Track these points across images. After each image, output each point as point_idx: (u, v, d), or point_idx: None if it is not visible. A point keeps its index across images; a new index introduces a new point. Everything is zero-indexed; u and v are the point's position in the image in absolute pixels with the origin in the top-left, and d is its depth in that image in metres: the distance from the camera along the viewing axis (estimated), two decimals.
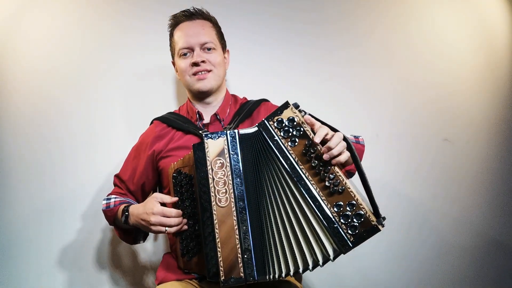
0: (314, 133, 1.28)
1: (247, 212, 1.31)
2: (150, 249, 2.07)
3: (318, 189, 1.27)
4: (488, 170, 2.15)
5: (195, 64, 1.61)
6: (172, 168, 1.46)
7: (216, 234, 1.30)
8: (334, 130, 1.32)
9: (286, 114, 1.30)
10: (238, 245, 1.30)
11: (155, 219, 1.39)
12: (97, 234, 2.04)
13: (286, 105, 1.30)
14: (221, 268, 1.29)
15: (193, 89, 1.65)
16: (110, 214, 1.61)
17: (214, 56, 1.63)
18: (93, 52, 2.07)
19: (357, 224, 1.24)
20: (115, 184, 1.74)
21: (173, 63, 1.74)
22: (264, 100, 1.76)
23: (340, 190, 1.25)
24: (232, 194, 1.31)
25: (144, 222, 1.43)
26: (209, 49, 1.63)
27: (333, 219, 1.25)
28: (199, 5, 1.71)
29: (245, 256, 1.29)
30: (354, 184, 1.34)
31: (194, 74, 1.62)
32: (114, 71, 2.07)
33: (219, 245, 1.29)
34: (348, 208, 1.25)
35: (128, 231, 1.64)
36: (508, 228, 2.14)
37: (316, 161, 1.28)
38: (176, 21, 1.67)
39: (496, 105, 2.15)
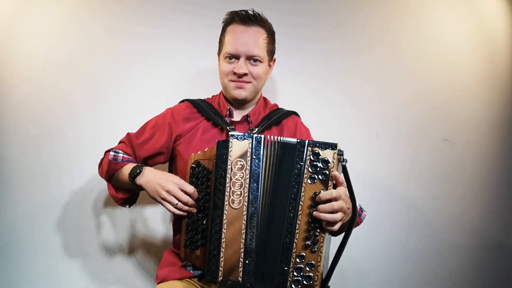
0: (335, 187, 1.30)
1: (258, 218, 1.30)
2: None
3: (298, 234, 1.29)
4: (488, 170, 2.16)
5: (236, 73, 1.58)
6: (192, 159, 1.44)
7: (223, 234, 1.30)
8: (352, 197, 1.33)
9: (326, 153, 1.28)
10: (242, 249, 1.29)
11: (173, 187, 1.39)
12: (100, 234, 2.05)
13: (333, 146, 1.28)
14: (221, 268, 1.29)
15: (229, 93, 1.63)
16: (114, 166, 1.56)
17: (257, 69, 1.60)
18: (99, 49, 2.02)
19: (302, 282, 1.30)
20: (122, 142, 1.69)
21: (218, 55, 1.70)
22: (295, 114, 1.75)
23: (313, 249, 1.29)
24: (247, 198, 1.30)
25: (159, 186, 1.41)
26: (255, 60, 1.59)
27: (289, 263, 1.29)
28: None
29: (247, 261, 1.29)
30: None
31: (233, 80, 1.60)
32: (121, 68, 2.04)
33: (224, 245, 1.29)
34: (307, 267, 1.29)
35: (122, 190, 1.61)
36: (508, 228, 2.15)
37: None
38: (232, 19, 1.61)
39: (496, 105, 2.15)
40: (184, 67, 2.07)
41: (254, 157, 1.31)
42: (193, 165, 1.43)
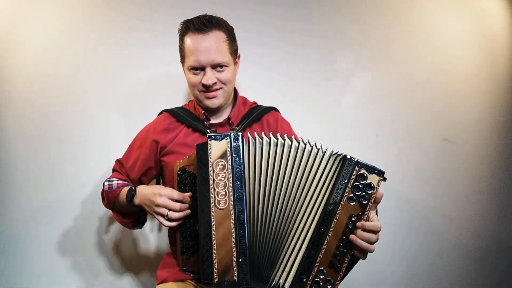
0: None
1: (245, 216, 1.31)
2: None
3: (325, 249, 1.29)
4: (487, 170, 2.16)
5: (205, 85, 1.56)
6: (178, 166, 1.45)
7: (213, 236, 1.29)
8: None
9: (371, 178, 1.28)
10: (234, 249, 1.29)
11: (161, 200, 1.38)
12: (99, 234, 2.06)
13: (380, 173, 1.28)
14: (215, 270, 1.28)
15: (202, 103, 1.62)
16: (112, 195, 1.59)
17: (225, 74, 1.56)
18: (92, 50, 2.04)
19: None
20: (115, 170, 1.73)
21: (182, 63, 1.66)
22: (274, 109, 1.75)
23: (337, 269, 1.29)
24: (232, 197, 1.30)
25: (150, 202, 1.42)
26: (221, 67, 1.55)
27: (309, 275, 1.29)
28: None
29: (240, 260, 1.29)
30: None
31: (203, 91, 1.58)
32: (117, 70, 2.06)
33: (215, 247, 1.29)
34: (326, 284, 1.29)
35: (127, 214, 1.65)
36: (508, 228, 2.16)
37: (347, 235, 1.29)
38: (187, 28, 1.55)
39: (496, 105, 2.15)
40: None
41: (235, 155, 1.32)
42: (179, 172, 1.45)
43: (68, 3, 2.04)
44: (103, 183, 1.64)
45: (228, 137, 1.33)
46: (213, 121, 1.66)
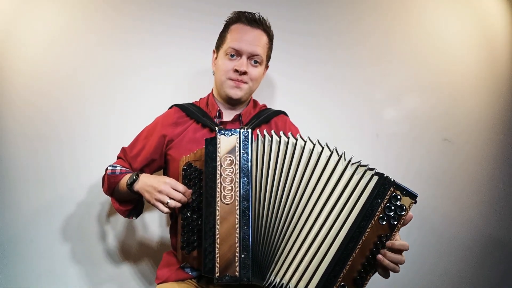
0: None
1: (250, 213, 1.30)
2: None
3: (349, 265, 1.27)
4: (487, 170, 2.16)
5: (237, 71, 1.60)
6: (183, 161, 1.45)
7: (217, 230, 1.29)
8: None
9: (404, 200, 1.27)
10: (237, 244, 1.28)
11: (164, 187, 1.38)
12: (100, 234, 2.05)
13: (413, 196, 1.27)
14: (217, 265, 1.28)
15: (224, 91, 1.65)
16: (113, 180, 1.60)
17: (256, 70, 1.63)
18: (92, 50, 2.04)
19: None
20: (119, 157, 1.74)
21: (214, 52, 1.72)
22: (283, 113, 1.78)
23: (358, 286, 1.28)
24: (238, 193, 1.30)
25: (152, 188, 1.42)
26: (255, 62, 1.63)
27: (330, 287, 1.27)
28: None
29: (243, 256, 1.28)
30: None
31: (231, 79, 1.62)
32: (116, 70, 2.06)
33: (218, 242, 1.29)
34: None
35: (125, 202, 1.65)
36: (508, 228, 2.15)
37: (373, 253, 1.28)
38: (238, 18, 1.64)
39: (496, 105, 2.16)
40: (187, 71, 2.10)
41: (243, 151, 1.33)
42: (185, 167, 1.45)
43: (68, 3, 2.03)
44: (106, 168, 1.66)
45: (237, 133, 1.34)
46: (224, 119, 1.68)
